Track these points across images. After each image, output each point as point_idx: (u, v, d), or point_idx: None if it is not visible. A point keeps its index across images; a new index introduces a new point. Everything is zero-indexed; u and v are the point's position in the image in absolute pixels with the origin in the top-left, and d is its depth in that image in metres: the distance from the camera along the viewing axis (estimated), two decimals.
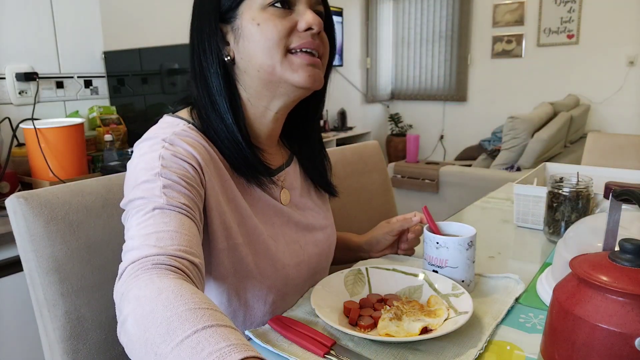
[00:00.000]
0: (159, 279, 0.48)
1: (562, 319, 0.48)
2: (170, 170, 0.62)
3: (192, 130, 0.69)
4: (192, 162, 0.65)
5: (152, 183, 0.61)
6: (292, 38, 0.67)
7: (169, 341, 0.41)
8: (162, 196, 0.59)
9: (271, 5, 0.66)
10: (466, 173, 2.83)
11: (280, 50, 0.67)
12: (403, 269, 0.82)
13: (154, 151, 0.64)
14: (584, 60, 4.17)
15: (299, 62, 0.67)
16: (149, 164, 0.63)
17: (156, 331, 0.43)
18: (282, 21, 0.66)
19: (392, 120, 5.28)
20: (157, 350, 0.42)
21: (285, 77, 0.68)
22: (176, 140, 0.66)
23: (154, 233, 0.55)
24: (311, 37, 0.67)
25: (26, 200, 0.82)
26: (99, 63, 2.13)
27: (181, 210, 0.59)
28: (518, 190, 1.13)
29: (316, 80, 0.69)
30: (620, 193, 0.52)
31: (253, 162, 0.72)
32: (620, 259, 0.47)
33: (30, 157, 1.63)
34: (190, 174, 0.64)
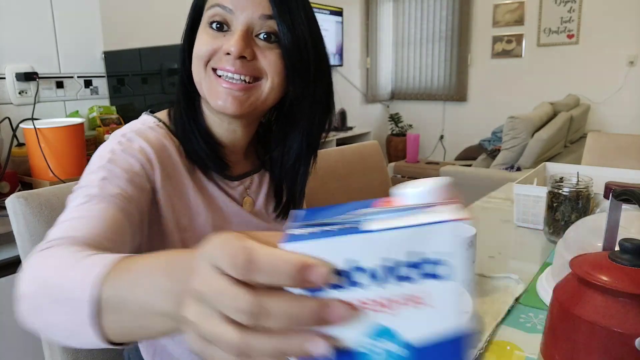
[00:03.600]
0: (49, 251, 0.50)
1: (562, 319, 0.48)
2: (115, 164, 0.65)
3: (159, 128, 0.73)
4: (142, 158, 0.68)
5: (95, 174, 0.64)
6: (214, 59, 0.67)
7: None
8: (97, 186, 0.62)
9: (209, 26, 0.68)
10: (466, 173, 2.83)
11: (203, 69, 0.68)
12: None
13: (109, 144, 0.68)
14: (584, 60, 4.17)
15: (215, 85, 0.68)
16: (100, 155, 0.67)
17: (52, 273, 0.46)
18: (211, 41, 0.67)
19: (392, 120, 5.28)
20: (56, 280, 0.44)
21: (205, 97, 0.70)
22: (133, 137, 0.69)
23: (71, 220, 0.57)
24: (232, 60, 0.66)
25: (26, 200, 0.82)
26: (99, 63, 2.13)
27: (110, 200, 0.61)
28: (518, 190, 1.13)
29: (232, 106, 0.68)
30: (620, 193, 0.52)
31: (210, 157, 0.74)
32: (620, 259, 0.47)
33: (30, 157, 1.63)
34: (135, 169, 0.66)
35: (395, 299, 0.26)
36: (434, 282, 0.26)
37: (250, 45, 0.67)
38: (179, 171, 0.73)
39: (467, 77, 4.86)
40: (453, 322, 0.27)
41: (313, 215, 0.29)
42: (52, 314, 0.44)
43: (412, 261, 0.26)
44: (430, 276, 0.26)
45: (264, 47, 0.68)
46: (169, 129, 0.74)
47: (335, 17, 4.52)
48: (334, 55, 4.57)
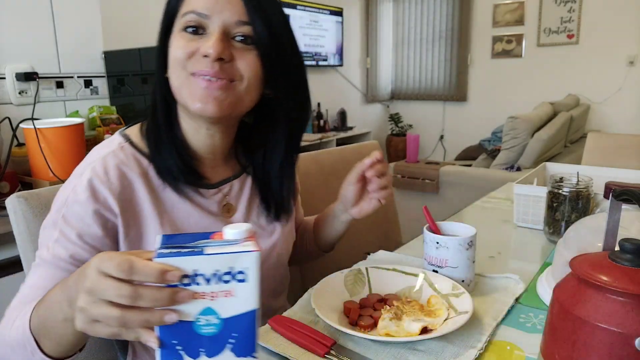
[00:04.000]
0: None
1: (562, 319, 0.48)
2: (68, 224, 0.67)
3: (123, 150, 0.72)
4: (97, 208, 0.68)
5: (51, 230, 0.68)
6: (190, 62, 0.67)
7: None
8: (50, 249, 0.67)
9: (184, 30, 0.68)
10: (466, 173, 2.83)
11: (182, 73, 0.68)
12: (403, 269, 0.82)
13: (66, 191, 0.70)
14: (584, 60, 4.17)
15: (194, 88, 0.67)
16: (58, 205, 0.70)
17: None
18: (187, 44, 0.67)
19: (392, 120, 5.28)
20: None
21: (185, 101, 0.69)
22: (89, 182, 0.68)
23: (28, 288, 0.67)
24: (211, 63, 0.66)
25: (26, 200, 0.82)
26: (99, 63, 2.13)
27: (59, 266, 0.66)
28: (518, 190, 1.13)
29: (213, 107, 0.67)
30: (620, 193, 0.52)
31: (183, 170, 0.73)
32: (620, 259, 0.47)
33: (30, 157, 1.63)
34: (87, 229, 0.67)
35: (216, 292, 0.45)
36: (238, 284, 0.46)
37: (228, 47, 0.67)
38: (141, 202, 0.71)
39: (467, 77, 4.87)
40: (248, 306, 0.47)
41: (172, 240, 0.48)
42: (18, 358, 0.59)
43: (228, 271, 0.45)
44: (237, 280, 0.46)
45: (241, 49, 0.68)
46: (137, 149, 0.73)
47: (335, 17, 4.52)
48: (334, 55, 4.57)
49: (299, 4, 4.07)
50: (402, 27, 5.19)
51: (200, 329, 0.46)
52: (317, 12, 4.30)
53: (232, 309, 0.46)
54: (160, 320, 0.44)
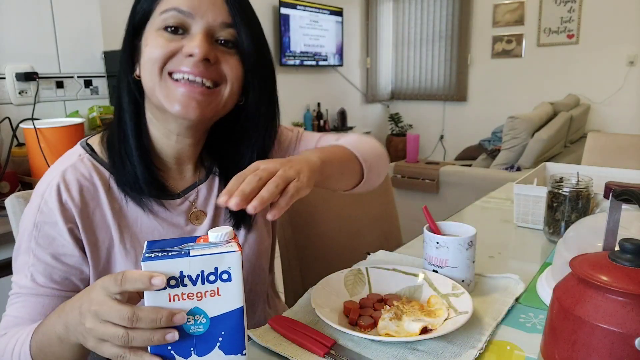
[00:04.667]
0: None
1: (562, 319, 0.48)
2: (42, 247, 0.67)
3: (82, 162, 0.70)
4: (66, 225, 0.67)
5: (25, 256, 0.67)
6: (171, 62, 0.64)
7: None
8: (27, 277, 0.66)
9: (163, 29, 0.65)
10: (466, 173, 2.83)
11: (158, 73, 0.65)
12: (403, 269, 0.82)
13: (32, 213, 0.67)
14: (584, 60, 4.17)
15: (173, 89, 0.65)
16: (27, 229, 0.68)
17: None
18: (167, 44, 0.64)
19: (392, 120, 5.28)
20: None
21: (161, 103, 0.66)
22: (51, 199, 0.66)
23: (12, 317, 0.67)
24: (196, 63, 0.63)
25: (26, 200, 0.82)
26: (99, 63, 2.13)
27: (40, 292, 0.67)
28: (518, 190, 1.13)
29: (195, 110, 0.65)
30: (620, 193, 0.52)
31: (146, 181, 0.70)
32: (620, 259, 0.47)
33: (30, 157, 1.63)
34: (62, 246, 0.67)
35: (203, 292, 0.48)
36: (223, 283, 0.48)
37: (213, 49, 0.65)
38: (105, 215, 0.70)
39: (467, 77, 4.87)
40: (234, 304, 0.49)
41: (157, 245, 0.50)
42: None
43: (213, 272, 0.47)
44: (222, 279, 0.48)
45: (224, 52, 0.67)
46: (97, 160, 0.71)
47: (335, 17, 4.52)
48: (334, 55, 4.57)
49: (299, 4, 4.07)
50: (402, 27, 5.19)
51: (190, 328, 0.48)
52: (317, 12, 4.30)
53: (219, 308, 0.48)
54: (162, 340, 0.47)
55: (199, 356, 0.48)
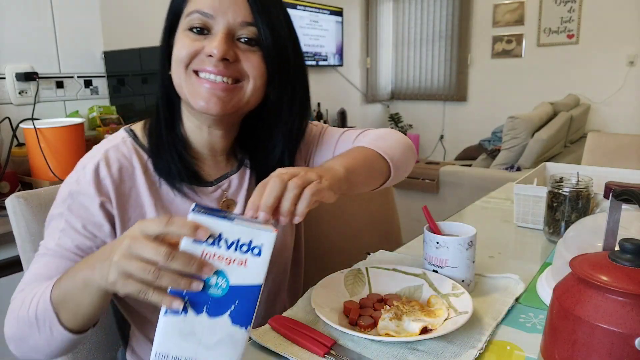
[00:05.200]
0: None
1: (562, 319, 0.48)
2: (72, 213, 0.69)
3: (125, 144, 0.74)
4: (100, 198, 0.70)
5: (57, 221, 0.70)
6: (195, 61, 0.68)
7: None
8: (56, 239, 0.69)
9: (189, 30, 0.68)
10: (466, 173, 2.83)
11: (184, 72, 0.69)
12: (403, 269, 0.82)
13: (70, 183, 0.72)
14: (584, 60, 4.17)
15: (197, 86, 0.69)
16: (62, 197, 0.71)
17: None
18: (192, 43, 0.68)
19: (392, 120, 5.28)
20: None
21: (187, 99, 0.70)
22: (90, 173, 0.70)
23: (33, 275, 0.68)
24: (215, 62, 0.67)
25: (26, 200, 0.83)
26: (99, 63, 2.13)
27: (64, 255, 0.68)
28: (518, 190, 1.13)
29: (216, 106, 0.68)
30: (620, 193, 0.52)
31: (181, 169, 0.74)
32: (620, 259, 0.47)
33: (30, 157, 1.63)
34: (91, 217, 0.70)
35: (233, 258, 0.50)
36: (253, 257, 0.51)
37: (232, 48, 0.68)
38: (140, 194, 0.74)
39: (467, 77, 4.86)
40: (256, 280, 0.51)
41: (204, 208, 0.52)
42: (32, 337, 0.62)
43: (247, 243, 0.50)
44: (253, 253, 0.50)
45: (246, 50, 0.69)
46: (139, 144, 0.75)
47: (335, 17, 4.52)
48: (334, 55, 4.57)
49: (299, 4, 4.06)
50: (402, 27, 5.19)
51: (209, 288, 0.50)
52: (317, 12, 4.30)
53: (241, 278, 0.51)
54: (187, 285, 0.49)
55: (209, 316, 0.51)
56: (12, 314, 0.65)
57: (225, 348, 0.52)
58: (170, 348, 0.51)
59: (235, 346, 0.52)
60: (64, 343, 0.62)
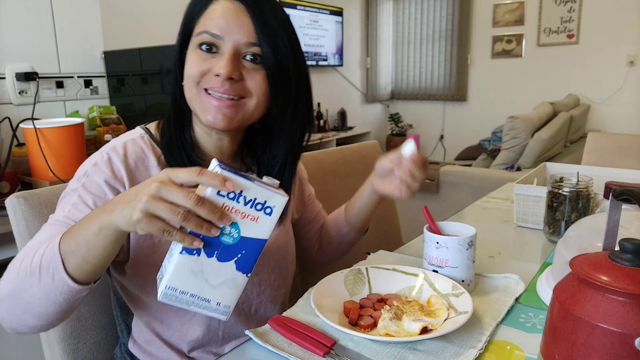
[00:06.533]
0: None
1: (562, 319, 0.48)
2: (87, 191, 0.72)
3: (142, 139, 0.78)
4: (114, 181, 0.73)
5: (69, 196, 0.73)
6: (204, 79, 0.73)
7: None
8: (66, 212, 0.70)
9: (199, 48, 0.73)
10: (466, 173, 2.83)
11: (195, 88, 0.74)
12: (403, 268, 0.82)
13: (87, 165, 0.75)
14: (584, 60, 4.17)
15: (206, 102, 0.73)
16: (78, 176, 0.75)
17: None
18: (201, 63, 0.73)
19: (392, 120, 5.28)
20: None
21: (196, 112, 0.75)
22: (110, 157, 0.75)
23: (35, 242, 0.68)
24: (222, 81, 0.71)
25: (26, 200, 0.83)
26: (99, 63, 2.13)
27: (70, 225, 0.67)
28: (518, 190, 1.13)
29: (222, 122, 0.73)
30: (620, 193, 0.52)
31: None
32: (620, 259, 0.47)
33: (30, 157, 1.63)
34: (105, 195, 0.73)
35: (247, 214, 0.57)
36: (265, 215, 0.58)
37: (238, 68, 0.72)
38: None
39: (467, 77, 4.86)
40: (263, 235, 0.58)
41: (227, 165, 0.58)
42: (30, 288, 0.61)
43: (262, 202, 0.57)
44: (265, 212, 0.58)
45: (250, 68, 0.73)
46: (154, 140, 0.80)
47: (335, 17, 4.52)
48: (334, 55, 4.57)
49: (299, 4, 4.07)
50: (402, 27, 5.19)
51: (222, 236, 0.57)
52: (317, 12, 4.30)
53: (252, 232, 0.58)
54: (208, 231, 0.55)
55: (218, 260, 0.58)
56: (11, 269, 0.64)
57: (227, 289, 0.59)
58: (180, 283, 0.57)
59: (235, 288, 0.60)
60: (62, 296, 0.61)
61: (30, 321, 0.64)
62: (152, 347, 0.82)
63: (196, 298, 0.58)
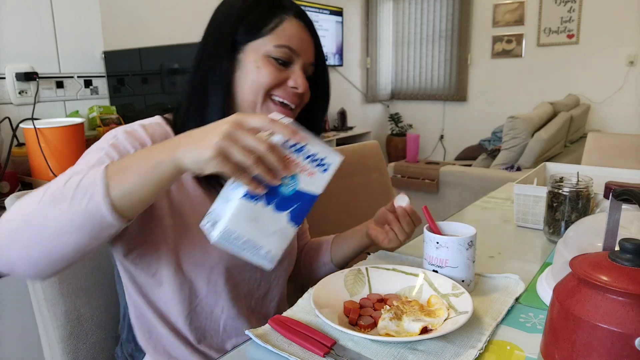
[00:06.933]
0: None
1: (562, 319, 0.48)
2: (117, 150, 0.72)
3: (160, 126, 0.79)
4: (141, 147, 0.74)
5: (95, 153, 0.71)
6: (278, 89, 0.79)
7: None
8: (89, 163, 0.69)
9: (273, 58, 0.77)
10: (466, 173, 2.83)
11: (264, 93, 0.78)
12: (403, 269, 0.82)
13: (114, 132, 0.75)
14: (584, 60, 4.17)
15: (272, 108, 0.79)
16: (106, 138, 0.74)
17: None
18: (277, 73, 0.78)
19: (392, 120, 5.28)
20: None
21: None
22: (137, 128, 0.76)
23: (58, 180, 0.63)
24: (294, 93, 0.79)
25: None
26: (99, 63, 2.13)
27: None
28: (518, 190, 1.13)
29: None
30: (620, 193, 0.52)
31: None
32: (620, 259, 0.47)
33: (30, 157, 1.63)
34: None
35: (306, 168, 0.61)
36: (321, 171, 0.62)
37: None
38: None
39: (467, 77, 4.87)
40: (317, 190, 0.63)
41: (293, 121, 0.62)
42: (54, 213, 0.57)
43: (321, 159, 0.62)
44: (322, 168, 0.62)
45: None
46: (171, 127, 0.81)
47: (335, 17, 4.52)
48: (334, 55, 4.57)
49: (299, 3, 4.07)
50: (402, 27, 5.19)
51: (281, 187, 0.60)
52: (317, 12, 4.30)
53: (307, 186, 0.62)
54: (272, 179, 0.58)
55: (274, 209, 0.61)
56: (30, 198, 0.60)
57: (278, 238, 0.62)
58: (237, 227, 0.59)
59: (284, 239, 0.63)
60: (88, 226, 0.57)
61: (32, 255, 0.59)
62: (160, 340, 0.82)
63: (249, 244, 0.60)
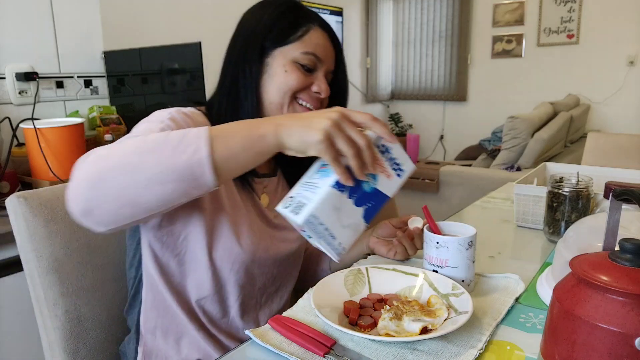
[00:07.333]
0: None
1: (562, 319, 0.48)
2: (173, 122, 0.73)
3: (200, 115, 0.82)
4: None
5: (153, 123, 0.72)
6: (303, 93, 0.85)
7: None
8: (147, 129, 0.70)
9: (299, 64, 0.83)
10: (466, 173, 2.83)
11: (290, 97, 0.84)
12: (403, 268, 0.82)
13: (165, 112, 0.77)
14: (584, 60, 4.17)
15: (298, 110, 0.85)
16: (158, 116, 0.75)
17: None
18: (304, 79, 0.84)
19: (392, 120, 5.28)
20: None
21: None
22: (186, 111, 0.79)
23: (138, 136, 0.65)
24: (317, 98, 0.86)
25: (26, 200, 0.83)
26: (99, 63, 2.13)
27: None
28: (518, 190, 1.13)
29: None
30: (620, 193, 0.52)
31: None
32: (620, 259, 0.47)
33: (30, 157, 1.63)
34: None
35: (386, 169, 0.66)
36: (397, 175, 0.67)
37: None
38: None
39: (467, 77, 4.86)
40: (390, 192, 0.67)
41: None
42: (150, 159, 0.58)
43: (399, 164, 0.67)
44: (398, 172, 0.67)
45: None
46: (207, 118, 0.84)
47: (335, 17, 4.52)
48: None
49: None
50: (402, 27, 5.19)
51: (364, 184, 0.64)
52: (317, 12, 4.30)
53: (383, 187, 0.66)
54: (361, 175, 0.61)
55: (354, 204, 0.64)
56: (126, 142, 0.61)
57: (350, 232, 0.65)
58: (322, 213, 0.61)
59: (356, 233, 0.66)
60: (180, 181, 0.58)
61: (120, 199, 0.59)
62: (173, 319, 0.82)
63: (327, 232, 0.62)
